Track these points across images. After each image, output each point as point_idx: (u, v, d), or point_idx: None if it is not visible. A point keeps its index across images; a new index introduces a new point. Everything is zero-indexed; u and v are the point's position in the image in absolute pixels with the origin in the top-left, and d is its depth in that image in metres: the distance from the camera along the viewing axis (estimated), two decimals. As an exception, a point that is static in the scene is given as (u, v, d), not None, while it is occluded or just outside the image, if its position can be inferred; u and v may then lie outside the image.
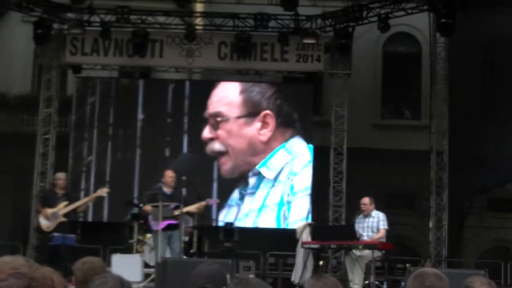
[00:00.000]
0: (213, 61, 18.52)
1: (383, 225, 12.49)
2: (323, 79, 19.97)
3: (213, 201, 13.79)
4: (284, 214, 17.97)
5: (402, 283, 12.01)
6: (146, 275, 12.62)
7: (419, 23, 20.78)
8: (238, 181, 18.32)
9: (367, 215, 12.60)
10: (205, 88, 18.97)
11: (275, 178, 18.12)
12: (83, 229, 16.94)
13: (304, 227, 13.18)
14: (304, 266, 12.63)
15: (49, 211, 13.10)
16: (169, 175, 12.96)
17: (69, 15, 18.54)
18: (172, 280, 10.07)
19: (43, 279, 1.93)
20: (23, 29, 21.51)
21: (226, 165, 18.36)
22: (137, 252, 13.94)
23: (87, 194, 16.58)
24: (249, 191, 18.17)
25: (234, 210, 18.16)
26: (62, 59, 18.56)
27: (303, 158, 18.26)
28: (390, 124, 22.85)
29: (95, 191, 14.11)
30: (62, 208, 13.08)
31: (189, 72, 19.68)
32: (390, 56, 23.32)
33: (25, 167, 19.03)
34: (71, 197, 13.59)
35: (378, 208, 12.88)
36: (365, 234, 12.52)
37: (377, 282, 11.85)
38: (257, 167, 18.18)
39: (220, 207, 17.86)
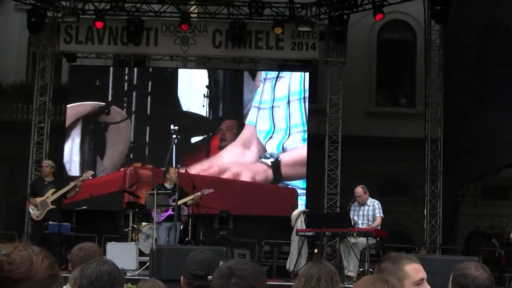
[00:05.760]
0: (208, 49, 18.49)
1: (379, 213, 12.53)
2: (318, 67, 19.95)
3: (208, 191, 13.88)
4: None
5: None
6: (141, 264, 12.64)
7: (414, 10, 20.76)
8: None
9: (362, 204, 12.63)
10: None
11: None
12: (78, 218, 16.94)
13: (298, 215, 13.20)
14: (299, 254, 12.65)
15: (38, 200, 13.11)
16: (173, 172, 13.54)
17: (63, 3, 18.52)
18: (166, 267, 10.10)
19: (19, 262, 1.89)
20: (17, 17, 21.49)
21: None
22: (132, 240, 13.95)
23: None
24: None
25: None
26: (56, 47, 18.52)
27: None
28: (385, 111, 22.86)
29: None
30: (50, 195, 13.08)
31: (183, 60, 19.65)
32: (385, 44, 23.30)
33: (20, 156, 19.03)
34: (59, 183, 13.55)
35: (372, 195, 12.91)
36: (360, 222, 12.55)
37: (371, 270, 11.86)
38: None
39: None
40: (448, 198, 18.84)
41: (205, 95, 18.92)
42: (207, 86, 19.04)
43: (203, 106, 18.92)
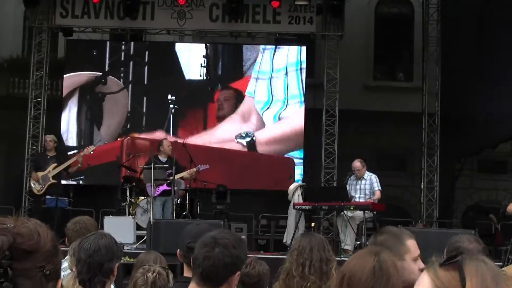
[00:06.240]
0: (204, 23, 18.37)
1: (378, 186, 12.56)
2: (315, 41, 19.87)
3: (204, 167, 13.90)
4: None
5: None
6: (139, 237, 12.67)
7: (411, -16, 20.69)
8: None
9: (360, 178, 12.65)
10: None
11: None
12: (75, 192, 16.97)
13: (295, 189, 13.23)
14: (296, 228, 12.68)
15: (39, 174, 13.18)
16: (166, 144, 13.62)
17: (59, -24, 18.36)
18: (163, 241, 10.13)
19: (28, 234, 1.92)
20: (13, -9, 21.33)
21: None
22: (130, 214, 13.98)
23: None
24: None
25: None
26: (52, 21, 18.41)
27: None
28: (382, 85, 22.81)
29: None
30: (52, 170, 13.13)
31: (180, 34, 19.56)
32: (382, 18, 23.21)
33: (17, 131, 18.99)
34: (61, 158, 13.62)
35: (370, 169, 12.92)
36: (357, 196, 12.57)
37: (368, 243, 11.88)
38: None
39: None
40: (445, 172, 18.87)
41: (202, 64, 18.88)
42: (204, 56, 19.00)
43: (200, 76, 18.90)
